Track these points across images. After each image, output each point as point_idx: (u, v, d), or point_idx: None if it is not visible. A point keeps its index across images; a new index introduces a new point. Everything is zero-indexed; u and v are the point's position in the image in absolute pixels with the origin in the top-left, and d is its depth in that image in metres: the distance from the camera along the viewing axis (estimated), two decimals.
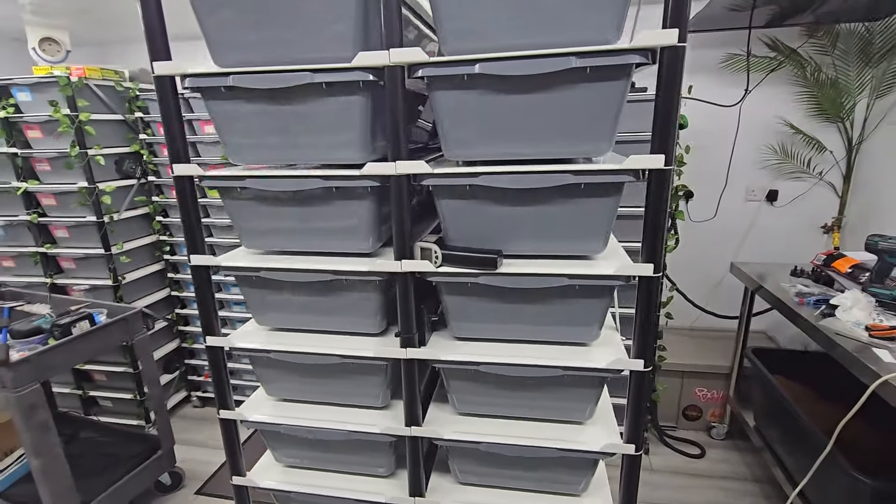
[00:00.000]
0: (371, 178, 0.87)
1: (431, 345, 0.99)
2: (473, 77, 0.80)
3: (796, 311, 1.89)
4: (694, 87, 2.63)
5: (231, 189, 0.94)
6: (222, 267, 0.97)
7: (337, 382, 1.05)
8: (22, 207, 2.52)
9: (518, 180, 0.83)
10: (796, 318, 1.88)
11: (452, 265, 0.88)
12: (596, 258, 0.92)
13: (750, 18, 2.37)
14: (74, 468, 2.20)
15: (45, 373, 1.77)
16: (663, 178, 0.77)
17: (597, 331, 0.94)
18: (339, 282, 0.96)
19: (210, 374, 1.04)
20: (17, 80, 2.34)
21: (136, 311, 2.11)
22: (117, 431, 2.48)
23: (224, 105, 0.89)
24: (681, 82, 0.73)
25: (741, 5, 2.28)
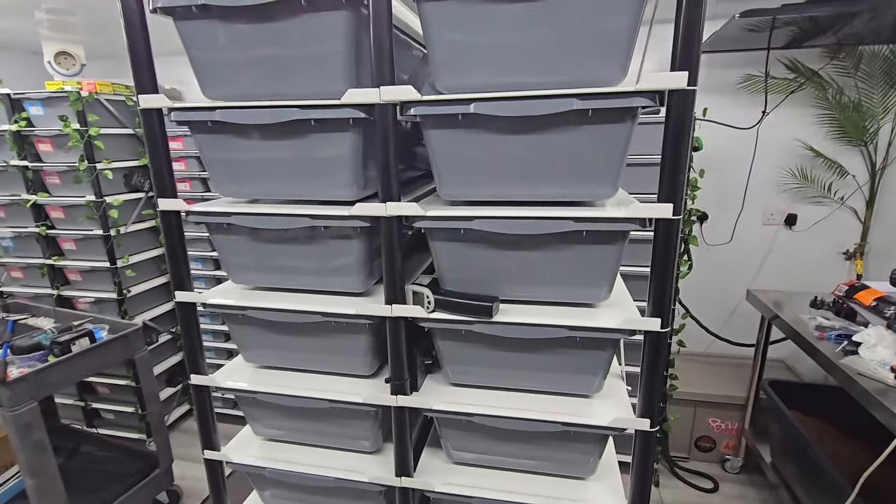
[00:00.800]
0: (361, 218, 0.82)
1: (425, 390, 0.94)
2: (468, 116, 0.75)
3: (816, 347, 1.80)
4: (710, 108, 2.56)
5: (218, 224, 0.90)
6: (208, 304, 0.93)
7: (326, 425, 1.00)
8: (31, 219, 2.54)
9: (515, 226, 0.78)
10: (816, 353, 1.79)
11: (445, 311, 0.83)
12: (600, 306, 0.86)
13: (769, 39, 2.30)
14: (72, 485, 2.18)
15: (42, 391, 1.75)
16: (671, 229, 0.72)
17: (600, 382, 0.88)
18: (327, 322, 0.92)
19: (196, 413, 1.00)
20: (29, 94, 2.36)
21: (137, 327, 2.09)
22: (117, 447, 2.45)
23: (211, 139, 0.86)
24: (691, 127, 0.68)
25: (759, 26, 2.21)
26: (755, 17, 1.96)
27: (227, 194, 0.92)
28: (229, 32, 0.79)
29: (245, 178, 0.88)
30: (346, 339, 0.94)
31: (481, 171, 0.80)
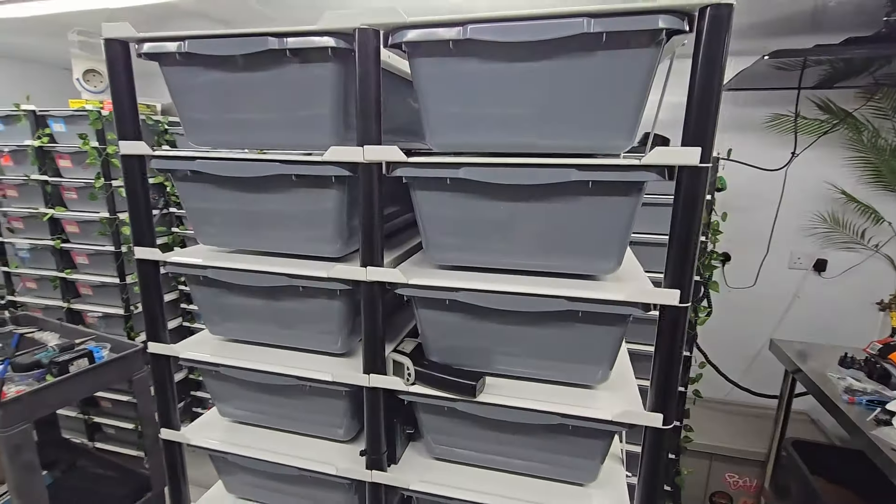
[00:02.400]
0: (340, 281, 0.77)
1: (404, 463, 0.87)
2: (458, 181, 0.69)
3: (845, 412, 1.66)
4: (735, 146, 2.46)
5: (194, 276, 0.86)
6: (183, 358, 0.88)
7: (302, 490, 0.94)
8: (48, 232, 2.57)
9: (503, 301, 0.71)
10: (843, 417, 1.65)
11: (426, 385, 0.76)
12: (598, 387, 0.78)
13: (800, 79, 2.20)
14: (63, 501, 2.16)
15: (36, 412, 1.74)
16: (678, 316, 0.64)
17: (595, 472, 0.80)
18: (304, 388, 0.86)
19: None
20: (53, 111, 2.41)
21: (138, 348, 2.07)
22: (113, 465, 2.42)
23: (191, 187, 0.82)
24: (702, 206, 0.60)
25: (790, 65, 2.11)
26: (785, 57, 1.88)
27: (206, 243, 0.87)
28: (212, 80, 0.75)
29: (224, 229, 0.84)
30: (322, 404, 0.88)
31: (471, 238, 0.74)
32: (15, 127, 2.51)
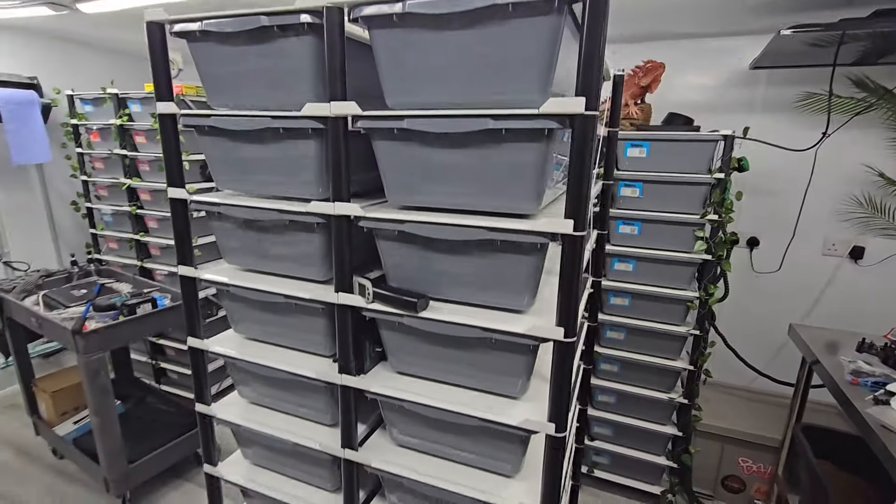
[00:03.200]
0: (315, 214, 0.95)
1: (372, 374, 1.04)
2: (404, 131, 0.85)
3: (845, 392, 1.65)
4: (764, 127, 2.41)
5: (212, 213, 1.08)
6: (203, 279, 1.11)
7: (293, 395, 1.14)
8: (126, 200, 2.98)
9: (438, 231, 0.85)
10: (842, 398, 1.64)
11: (381, 304, 0.93)
12: (527, 313, 0.91)
13: (835, 56, 2.12)
14: (133, 426, 2.55)
15: (110, 344, 2.09)
16: (575, 244, 0.76)
17: (523, 384, 0.93)
18: (290, 304, 1.05)
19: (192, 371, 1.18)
20: (131, 94, 2.78)
21: None
22: (174, 402, 2.81)
23: (208, 140, 1.04)
24: (592, 149, 0.71)
25: (825, 41, 2.06)
26: (805, 32, 1.84)
27: (222, 188, 1.09)
28: (223, 52, 0.95)
29: (233, 175, 1.05)
30: (308, 321, 1.07)
31: (417, 181, 0.89)
32: (101, 108, 2.92)
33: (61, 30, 2.99)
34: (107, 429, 2.10)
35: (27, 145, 2.89)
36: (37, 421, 2.64)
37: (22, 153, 2.87)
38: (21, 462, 2.66)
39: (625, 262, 2.26)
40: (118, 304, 2.23)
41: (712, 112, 2.54)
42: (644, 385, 2.34)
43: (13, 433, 2.90)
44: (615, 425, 2.43)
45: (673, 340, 2.26)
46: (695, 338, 2.20)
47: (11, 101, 2.81)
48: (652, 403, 2.34)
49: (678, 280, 2.19)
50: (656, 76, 2.16)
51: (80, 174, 3.09)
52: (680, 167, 2.09)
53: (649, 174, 2.13)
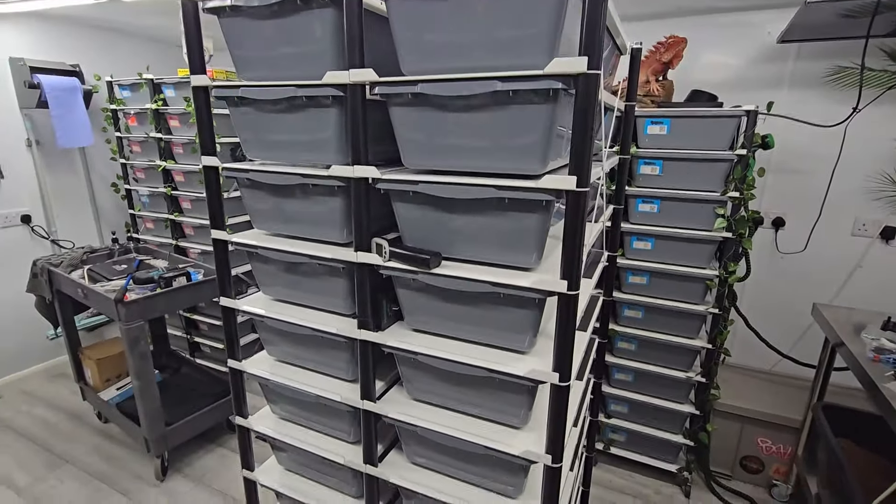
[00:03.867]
0: (336, 178, 1.01)
1: (389, 331, 1.11)
2: (417, 95, 0.90)
3: (866, 370, 1.64)
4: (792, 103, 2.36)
5: (241, 180, 1.15)
6: (234, 242, 1.20)
7: (315, 351, 1.22)
8: (161, 181, 3.13)
9: (449, 190, 0.91)
10: (862, 375, 1.63)
11: (396, 261, 0.99)
12: (536, 271, 0.96)
13: (869, 27, 2.06)
14: (170, 394, 2.71)
15: (148, 313, 2.23)
16: (577, 200, 0.79)
17: (531, 339, 0.98)
18: (314, 265, 1.13)
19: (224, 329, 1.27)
20: (166, 79, 2.91)
21: None
22: (207, 373, 2.97)
23: (237, 111, 1.11)
24: (594, 107, 0.75)
25: (858, 11, 2.00)
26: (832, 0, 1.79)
27: (249, 156, 1.16)
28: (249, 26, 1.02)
29: (258, 143, 1.12)
30: (330, 282, 1.14)
31: (431, 144, 0.94)
32: (138, 93, 3.06)
33: (101, 18, 3.14)
34: (146, 392, 2.25)
35: (72, 130, 3.07)
36: (83, 387, 2.83)
37: (67, 137, 3.05)
38: (71, 425, 2.86)
39: (643, 240, 2.27)
40: (156, 278, 2.37)
41: (738, 89, 2.49)
42: (662, 364, 2.35)
43: (63, 399, 3.12)
44: (632, 403, 2.46)
45: (692, 319, 2.26)
46: (714, 316, 2.20)
47: (57, 87, 2.97)
48: (669, 382, 2.35)
49: (698, 259, 2.19)
50: (678, 51, 2.14)
51: (120, 157, 3.25)
52: (701, 144, 2.07)
53: (670, 151, 2.13)
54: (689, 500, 2.37)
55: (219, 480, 2.43)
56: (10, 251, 3.05)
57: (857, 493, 1.59)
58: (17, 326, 3.12)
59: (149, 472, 2.48)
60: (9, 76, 2.92)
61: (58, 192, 3.25)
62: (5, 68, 2.91)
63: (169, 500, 2.30)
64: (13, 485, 2.37)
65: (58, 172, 3.25)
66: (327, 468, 1.33)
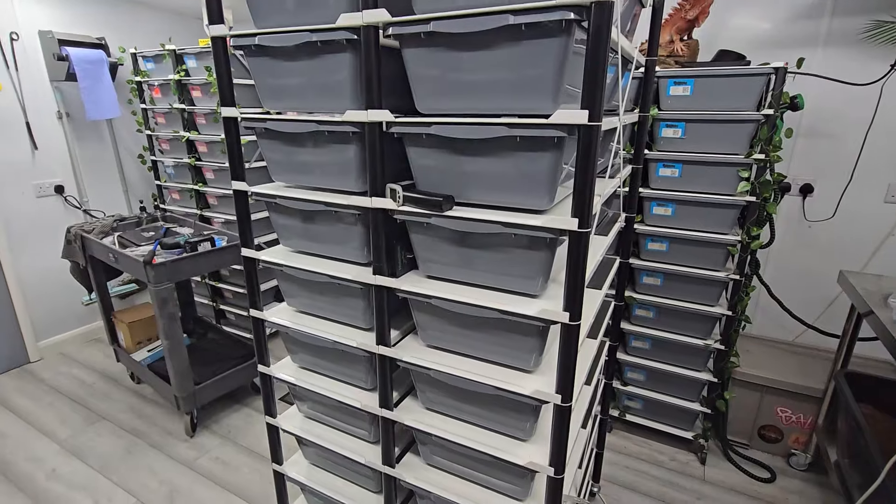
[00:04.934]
0: (351, 123, 1.03)
1: (404, 278, 1.13)
2: (431, 34, 0.90)
3: (892, 333, 1.60)
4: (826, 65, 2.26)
5: (259, 130, 1.18)
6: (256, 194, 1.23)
7: (332, 300, 1.26)
8: (185, 152, 3.20)
9: (461, 130, 0.91)
10: (890, 340, 1.59)
11: (410, 205, 1.00)
12: (549, 212, 0.96)
13: None
14: (198, 356, 2.82)
15: (175, 276, 2.31)
16: (590, 133, 0.79)
17: (542, 283, 0.99)
18: (330, 213, 1.15)
19: (245, 278, 1.32)
20: (187, 49, 2.95)
21: None
22: (231, 338, 3.07)
23: (256, 60, 1.13)
24: (608, 37, 0.74)
25: None
26: None
27: (268, 106, 1.18)
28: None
29: (280, 92, 1.14)
30: (346, 230, 1.17)
31: (444, 85, 0.94)
32: (161, 65, 3.12)
33: None
34: (175, 350, 2.35)
35: (100, 102, 3.15)
36: (117, 349, 2.97)
37: (96, 109, 3.13)
38: (106, 385, 3.01)
39: (663, 205, 2.23)
40: (182, 243, 2.45)
41: (768, 49, 2.39)
42: (680, 331, 2.33)
43: (98, 362, 3.28)
44: (648, 370, 2.46)
45: (712, 286, 2.23)
46: (734, 283, 2.16)
47: (85, 60, 3.05)
48: (687, 349, 2.34)
49: (720, 224, 2.15)
50: (704, 7, 2.07)
51: (145, 129, 3.33)
52: (726, 105, 2.01)
53: (693, 113, 2.07)
54: (706, 467, 2.37)
55: (245, 437, 2.54)
56: (47, 221, 3.18)
57: (876, 456, 1.57)
58: (55, 292, 3.27)
59: (178, 428, 2.60)
60: (38, 49, 3.00)
61: (88, 164, 3.36)
62: (35, 41, 2.99)
63: (198, 454, 2.42)
64: (56, 437, 2.52)
65: (87, 144, 3.35)
66: (345, 415, 1.39)
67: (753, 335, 2.71)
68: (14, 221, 3.02)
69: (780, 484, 2.27)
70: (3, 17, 2.85)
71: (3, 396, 2.86)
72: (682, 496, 2.19)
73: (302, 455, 1.58)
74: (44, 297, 3.22)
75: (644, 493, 2.21)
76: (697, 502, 2.16)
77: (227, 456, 2.42)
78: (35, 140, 3.05)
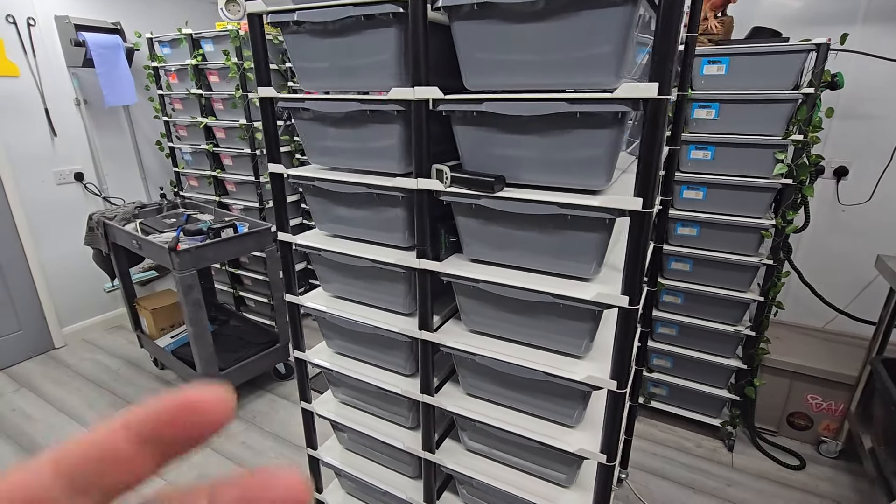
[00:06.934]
0: (396, 102, 0.99)
1: (447, 262, 1.11)
2: (483, 5, 0.86)
3: None
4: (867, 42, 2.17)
5: (296, 110, 1.15)
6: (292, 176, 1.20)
7: (370, 285, 1.24)
8: (203, 138, 3.17)
9: (516, 107, 0.87)
10: None
11: (458, 186, 0.97)
12: (604, 191, 0.92)
13: None
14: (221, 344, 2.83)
15: (199, 262, 2.31)
16: (658, 107, 0.75)
17: (597, 265, 0.96)
18: (372, 196, 1.13)
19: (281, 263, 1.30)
20: (204, 33, 2.91)
21: (268, 227, 2.58)
22: (253, 324, 3.08)
23: (293, 37, 1.09)
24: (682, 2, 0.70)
25: None
26: None
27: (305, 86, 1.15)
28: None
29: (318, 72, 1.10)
30: (387, 213, 1.14)
31: (495, 61, 0.90)
32: (177, 50, 3.08)
33: None
34: (200, 337, 2.35)
35: (117, 88, 3.12)
36: (140, 335, 2.99)
37: (113, 96, 3.11)
38: (130, 371, 3.04)
39: (694, 189, 2.18)
40: (205, 229, 2.44)
41: (805, 25, 2.31)
42: (709, 318, 2.29)
43: (121, 348, 3.30)
44: (675, 357, 2.42)
45: (743, 271, 2.18)
46: (768, 268, 2.12)
47: (101, 45, 3.02)
48: (716, 336, 2.30)
49: (753, 208, 2.09)
50: None
51: (162, 115, 3.31)
52: (763, 84, 1.94)
53: (728, 93, 2.01)
54: (733, 454, 2.35)
55: (270, 423, 2.55)
56: (68, 208, 3.18)
57: None
58: (77, 280, 3.29)
59: None
60: (55, 34, 2.98)
61: (106, 151, 3.35)
62: (51, 26, 2.96)
63: (224, 439, 2.43)
64: (84, 421, 2.55)
65: (105, 131, 3.33)
66: (383, 401, 1.37)
67: (782, 321, 2.66)
68: (35, 209, 3.03)
69: (810, 471, 2.24)
70: (19, 2, 2.82)
71: (30, 381, 2.90)
72: (711, 483, 2.18)
73: (336, 440, 1.58)
74: (66, 285, 3.24)
75: (673, 479, 2.19)
76: (728, 489, 2.14)
77: (253, 441, 2.43)
78: (54, 127, 3.04)
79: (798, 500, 2.09)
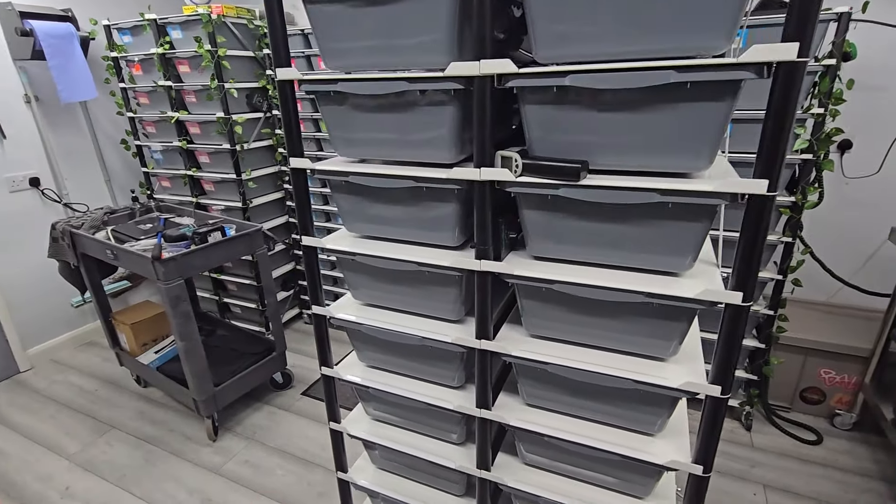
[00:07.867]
0: (454, 79, 0.85)
1: (507, 261, 0.98)
2: None
3: None
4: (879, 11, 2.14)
5: (325, 94, 0.98)
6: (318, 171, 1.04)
7: (412, 290, 1.10)
8: (175, 135, 2.91)
9: (611, 80, 0.74)
10: None
11: (532, 175, 0.84)
12: (700, 175, 0.81)
13: None
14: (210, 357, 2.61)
15: (187, 271, 2.09)
16: (796, 74, 0.64)
17: (690, 261, 0.85)
18: (419, 191, 0.98)
19: (305, 271, 1.14)
20: (171, 18, 2.64)
21: (258, 228, 2.38)
22: (244, 332, 2.87)
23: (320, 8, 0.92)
24: None
25: None
26: None
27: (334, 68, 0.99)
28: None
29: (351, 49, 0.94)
30: (433, 208, 1.00)
31: (577, 28, 0.77)
32: (140, 38, 2.79)
33: None
34: (192, 352, 2.15)
35: (73, 82, 2.82)
36: (119, 352, 2.73)
37: (70, 91, 2.80)
38: (109, 391, 2.79)
39: None
40: (189, 234, 2.22)
41: None
42: None
43: (96, 366, 3.04)
44: None
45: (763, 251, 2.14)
46: (786, 245, 2.08)
47: (51, 34, 2.70)
48: None
49: None
50: None
51: (126, 111, 3.02)
52: None
53: None
54: (751, 433, 2.34)
55: (272, 437, 2.38)
56: (23, 217, 2.87)
57: None
58: (40, 295, 2.99)
59: (196, 432, 2.42)
60: None
61: (64, 153, 3.03)
62: None
63: (224, 458, 2.25)
64: (63, 451, 2.31)
65: (61, 131, 3.02)
66: (425, 416, 1.24)
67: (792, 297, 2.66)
68: None
69: (827, 445, 2.25)
70: None
71: None
72: (735, 465, 2.16)
73: (367, 459, 1.44)
74: (28, 302, 2.94)
75: None
76: (752, 470, 2.13)
77: (256, 458, 2.26)
78: (2, 128, 2.72)
79: (822, 475, 2.09)
